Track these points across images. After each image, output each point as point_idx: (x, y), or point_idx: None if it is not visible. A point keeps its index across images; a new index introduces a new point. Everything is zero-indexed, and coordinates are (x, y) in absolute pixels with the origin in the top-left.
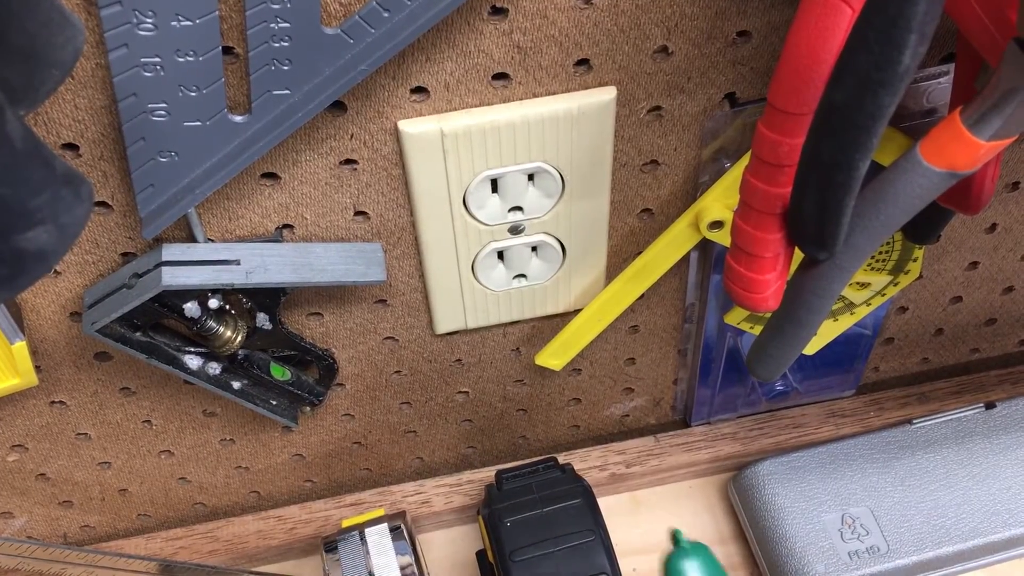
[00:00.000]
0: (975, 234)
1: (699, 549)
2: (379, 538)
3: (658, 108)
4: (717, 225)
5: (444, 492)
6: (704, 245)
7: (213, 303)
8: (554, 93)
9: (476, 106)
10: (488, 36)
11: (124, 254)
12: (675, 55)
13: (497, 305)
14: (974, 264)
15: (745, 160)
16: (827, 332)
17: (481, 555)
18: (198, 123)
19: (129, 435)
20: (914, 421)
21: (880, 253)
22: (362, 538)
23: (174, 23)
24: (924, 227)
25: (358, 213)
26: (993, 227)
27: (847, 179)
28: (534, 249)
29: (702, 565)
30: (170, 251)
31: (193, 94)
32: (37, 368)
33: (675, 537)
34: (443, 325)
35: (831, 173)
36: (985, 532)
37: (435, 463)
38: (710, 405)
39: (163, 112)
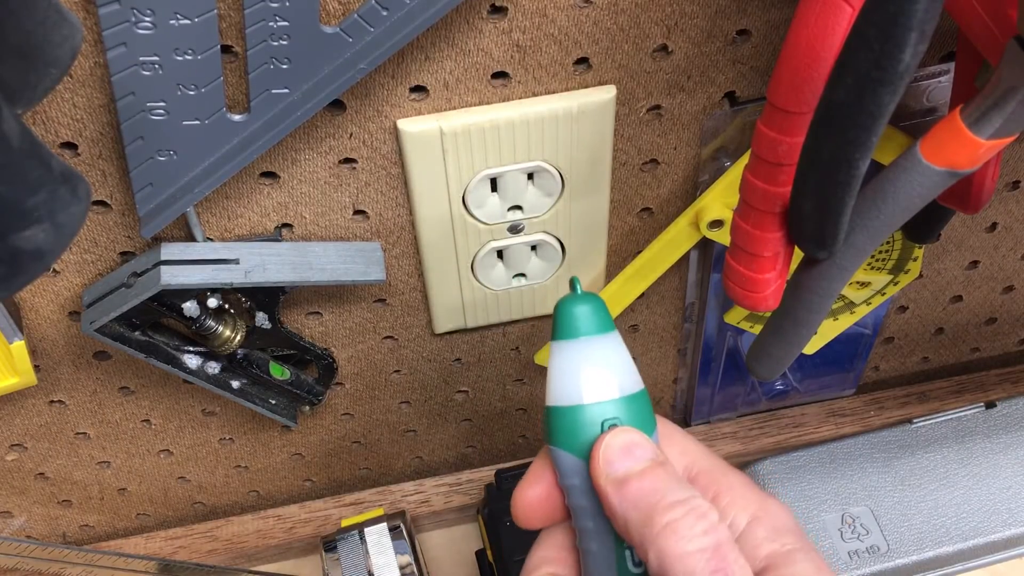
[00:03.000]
0: (975, 233)
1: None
2: (378, 537)
3: (658, 107)
4: (717, 224)
5: (444, 492)
6: (704, 244)
7: (212, 302)
8: (554, 92)
9: (475, 105)
10: (487, 35)
11: (123, 253)
12: (675, 54)
13: (496, 304)
14: (974, 263)
15: (745, 159)
16: (827, 331)
17: (481, 555)
18: (197, 122)
19: (128, 434)
20: (914, 421)
21: (880, 252)
22: (361, 537)
23: (173, 21)
24: (924, 226)
25: (357, 212)
26: (993, 226)
27: (847, 178)
28: (533, 248)
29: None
30: (169, 250)
31: (192, 93)
32: (36, 367)
33: (572, 284)
34: (442, 324)
35: (831, 172)
36: (985, 532)
37: (435, 462)
38: (710, 404)
39: (162, 111)
